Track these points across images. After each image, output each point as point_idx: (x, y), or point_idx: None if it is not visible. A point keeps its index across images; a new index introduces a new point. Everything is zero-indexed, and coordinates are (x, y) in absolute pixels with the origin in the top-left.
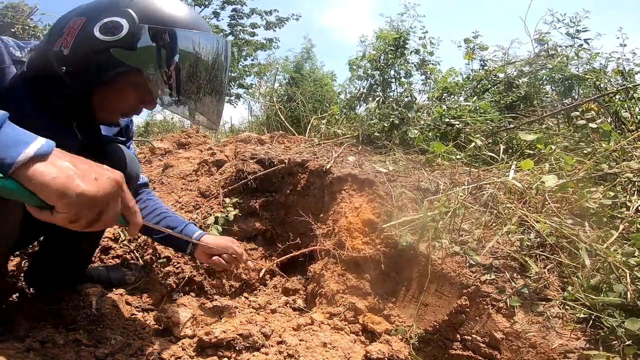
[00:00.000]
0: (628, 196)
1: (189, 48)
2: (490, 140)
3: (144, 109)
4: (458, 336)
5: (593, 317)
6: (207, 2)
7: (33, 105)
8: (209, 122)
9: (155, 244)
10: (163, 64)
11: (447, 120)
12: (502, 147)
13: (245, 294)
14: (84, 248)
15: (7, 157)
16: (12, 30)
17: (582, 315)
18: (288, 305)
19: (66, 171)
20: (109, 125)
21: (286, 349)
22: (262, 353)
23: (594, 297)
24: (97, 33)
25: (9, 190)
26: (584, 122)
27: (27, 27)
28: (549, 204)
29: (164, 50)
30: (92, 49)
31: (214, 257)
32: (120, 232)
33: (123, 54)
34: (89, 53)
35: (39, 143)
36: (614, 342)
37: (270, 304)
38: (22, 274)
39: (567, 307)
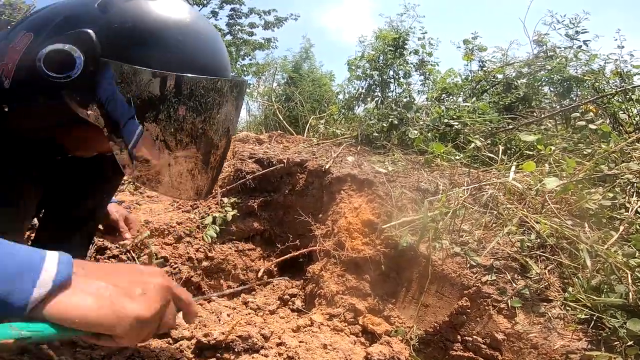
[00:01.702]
0: (627, 197)
1: (190, 95)
2: (489, 141)
3: None
4: (459, 337)
5: (595, 318)
6: (205, 2)
7: None
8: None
9: (152, 244)
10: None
11: (446, 120)
12: (501, 148)
13: (243, 295)
14: (78, 240)
15: (13, 295)
16: (9, 27)
17: (583, 316)
18: (287, 306)
19: (105, 296)
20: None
21: (286, 351)
22: (262, 355)
23: (595, 297)
24: (40, 65)
25: (45, 336)
26: (583, 123)
27: None
28: (549, 204)
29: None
30: (37, 89)
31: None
32: None
33: (78, 101)
34: (34, 94)
35: (52, 264)
36: (616, 343)
37: (269, 305)
38: None
39: (568, 307)
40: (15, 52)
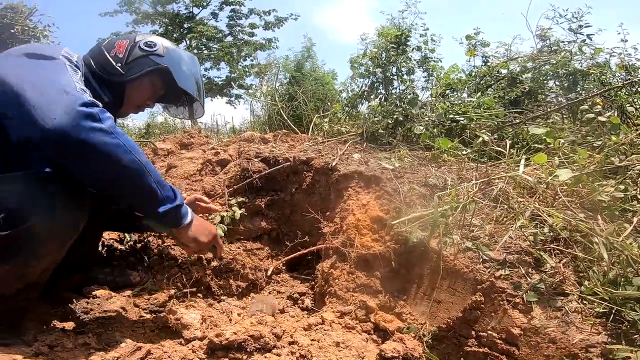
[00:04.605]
0: (639, 189)
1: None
2: (496, 136)
3: (146, 108)
4: (473, 333)
5: (613, 311)
6: (205, 3)
7: None
8: (199, 112)
9: (163, 244)
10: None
11: (451, 116)
12: (508, 142)
13: (253, 294)
14: (87, 236)
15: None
16: (12, 31)
17: (601, 310)
18: (296, 305)
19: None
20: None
21: (298, 350)
22: (274, 354)
23: (613, 290)
24: (143, 46)
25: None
26: (592, 115)
27: (26, 28)
28: (561, 197)
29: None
30: (139, 55)
31: None
32: (126, 235)
33: (157, 58)
34: (137, 56)
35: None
36: (636, 336)
37: (278, 304)
38: None
39: (585, 301)
40: (122, 45)
